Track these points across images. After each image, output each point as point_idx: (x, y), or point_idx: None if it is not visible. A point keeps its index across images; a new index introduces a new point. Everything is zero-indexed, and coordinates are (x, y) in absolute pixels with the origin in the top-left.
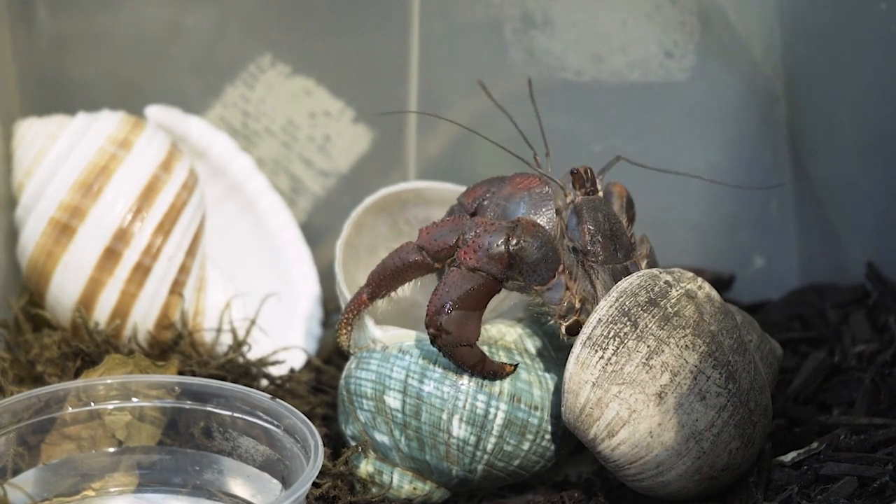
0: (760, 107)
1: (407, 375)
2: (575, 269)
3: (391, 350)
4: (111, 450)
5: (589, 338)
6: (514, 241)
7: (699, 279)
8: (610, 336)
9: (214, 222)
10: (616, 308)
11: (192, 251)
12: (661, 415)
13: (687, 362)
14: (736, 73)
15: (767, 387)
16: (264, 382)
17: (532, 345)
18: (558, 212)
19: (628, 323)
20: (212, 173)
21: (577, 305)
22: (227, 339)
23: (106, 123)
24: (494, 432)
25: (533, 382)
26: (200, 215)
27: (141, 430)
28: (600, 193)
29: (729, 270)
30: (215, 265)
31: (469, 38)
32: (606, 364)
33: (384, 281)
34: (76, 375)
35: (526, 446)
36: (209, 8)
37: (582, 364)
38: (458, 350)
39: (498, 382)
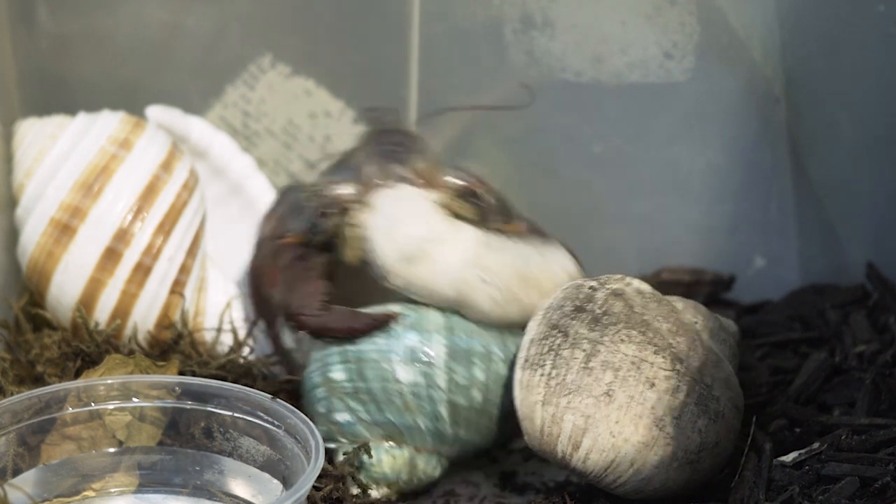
0: (760, 107)
1: (342, 344)
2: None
3: None
4: (111, 450)
5: (526, 360)
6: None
7: (627, 278)
8: (545, 352)
9: (215, 222)
10: (545, 324)
11: (192, 251)
12: (615, 412)
13: (626, 355)
14: (735, 74)
15: (725, 360)
16: (265, 382)
17: None
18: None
19: (559, 334)
20: (212, 173)
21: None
22: (227, 339)
23: (106, 124)
24: (441, 366)
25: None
26: (201, 215)
27: (141, 431)
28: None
29: (729, 271)
30: (216, 265)
31: (469, 39)
32: (549, 379)
33: None
34: (76, 375)
35: (479, 374)
36: (209, 9)
37: (526, 386)
38: (321, 319)
39: (431, 319)
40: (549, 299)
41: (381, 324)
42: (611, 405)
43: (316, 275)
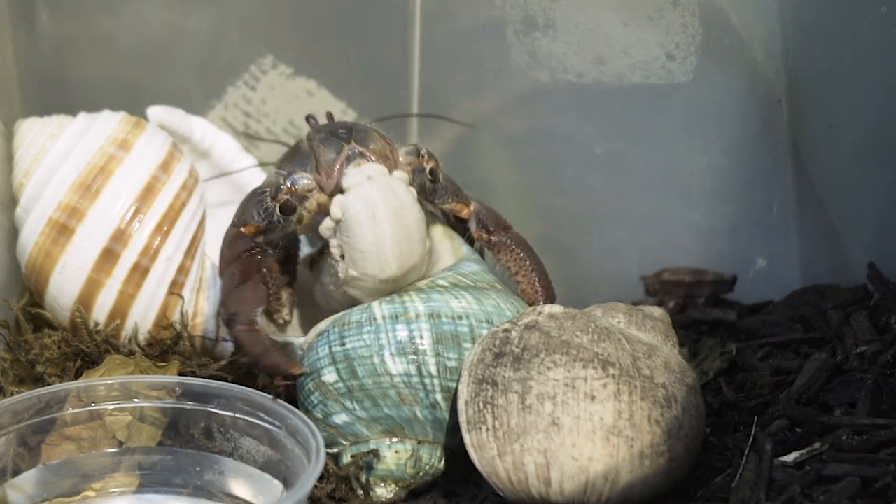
0: (762, 109)
1: (330, 347)
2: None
3: (311, 340)
4: (112, 450)
5: (468, 422)
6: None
7: (539, 307)
8: (482, 408)
9: (217, 223)
10: (473, 382)
11: (190, 252)
12: (568, 437)
13: (557, 380)
14: (737, 76)
15: (657, 346)
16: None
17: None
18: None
19: (489, 386)
20: (215, 173)
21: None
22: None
23: (106, 124)
24: (429, 353)
25: (447, 299)
26: (200, 216)
27: (141, 431)
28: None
29: (731, 272)
30: (216, 266)
31: (471, 40)
32: (495, 431)
33: None
34: (76, 376)
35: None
36: (210, 10)
37: (478, 446)
38: (241, 336)
39: (412, 306)
40: (469, 355)
41: (280, 373)
42: (561, 432)
43: (262, 279)
